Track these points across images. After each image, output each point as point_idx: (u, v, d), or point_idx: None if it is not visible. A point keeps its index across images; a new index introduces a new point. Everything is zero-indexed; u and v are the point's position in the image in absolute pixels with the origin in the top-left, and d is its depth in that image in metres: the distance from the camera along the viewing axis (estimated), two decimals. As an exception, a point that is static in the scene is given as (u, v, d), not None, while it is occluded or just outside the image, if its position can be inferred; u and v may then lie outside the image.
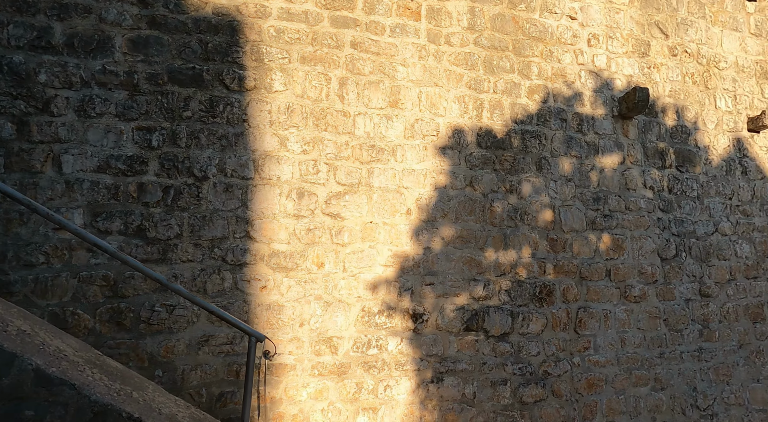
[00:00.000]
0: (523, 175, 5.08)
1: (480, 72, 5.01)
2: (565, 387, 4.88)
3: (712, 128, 6.01)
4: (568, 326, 5.03)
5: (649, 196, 5.59)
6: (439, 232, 4.70)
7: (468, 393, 4.55)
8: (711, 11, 6.12)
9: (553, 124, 5.25)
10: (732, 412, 5.57)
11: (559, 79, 5.32)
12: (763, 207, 6.20)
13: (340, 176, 4.43)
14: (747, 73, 6.27)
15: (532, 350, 4.84)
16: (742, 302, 5.88)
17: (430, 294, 4.60)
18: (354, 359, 4.26)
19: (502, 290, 4.84)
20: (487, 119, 5.01)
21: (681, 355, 5.46)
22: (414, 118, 4.75)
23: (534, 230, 5.05)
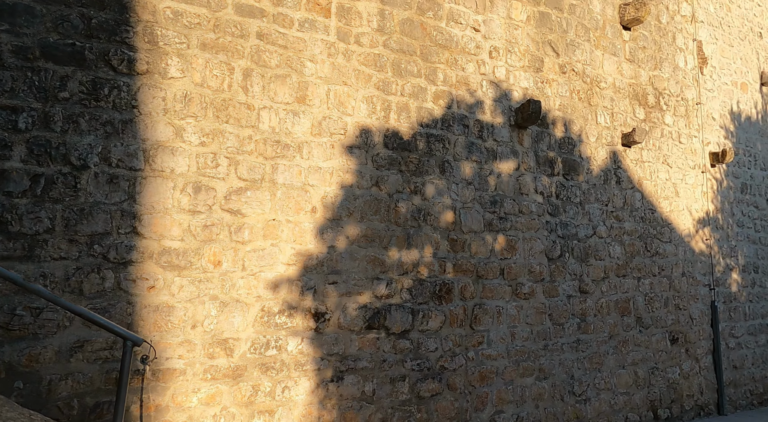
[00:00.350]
0: (427, 177, 4.86)
1: (389, 74, 4.71)
2: (459, 380, 4.73)
3: (594, 141, 6.18)
4: (464, 322, 4.89)
5: (539, 201, 5.61)
6: (344, 231, 4.35)
7: (367, 390, 4.24)
8: (594, 36, 6.29)
9: (456, 129, 5.09)
10: (602, 396, 5.75)
11: (463, 87, 5.16)
12: (633, 213, 6.48)
13: (242, 171, 3.93)
14: (622, 94, 6.53)
15: (430, 346, 4.64)
16: (613, 298, 6.10)
17: (333, 293, 4.23)
18: (251, 361, 3.79)
19: (404, 289, 4.59)
20: (395, 121, 4.72)
21: (562, 347, 5.53)
22: (322, 115, 4.35)
23: (436, 231, 4.85)
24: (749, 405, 7.15)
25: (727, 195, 7.61)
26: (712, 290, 7.06)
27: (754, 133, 8.21)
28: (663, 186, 6.80)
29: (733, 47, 7.98)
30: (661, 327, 6.44)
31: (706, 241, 7.15)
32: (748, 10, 8.34)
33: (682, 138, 7.10)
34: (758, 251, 7.90)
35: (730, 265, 7.43)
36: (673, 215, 6.85)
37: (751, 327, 7.51)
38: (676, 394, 6.37)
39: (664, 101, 6.93)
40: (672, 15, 7.16)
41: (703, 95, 7.40)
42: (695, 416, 6.50)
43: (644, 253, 6.45)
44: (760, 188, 8.14)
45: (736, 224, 7.67)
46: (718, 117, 7.64)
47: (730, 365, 7.03)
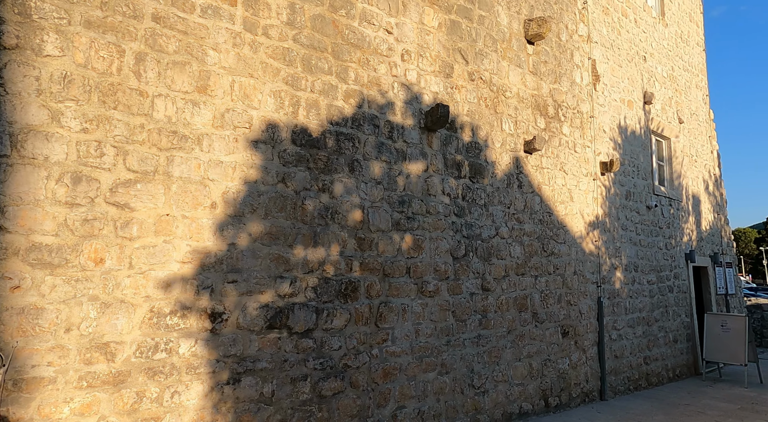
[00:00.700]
0: (336, 175, 4.73)
1: (298, 69, 4.53)
2: (362, 378, 4.66)
3: (498, 147, 6.39)
4: (369, 320, 4.82)
5: (446, 202, 5.69)
6: (246, 228, 4.11)
7: (266, 391, 4.04)
8: (501, 47, 6.50)
9: (366, 129, 5.01)
10: (499, 388, 5.95)
11: (374, 87, 5.10)
12: (532, 216, 6.79)
13: (132, 161, 3.57)
14: (526, 103, 6.81)
15: (334, 344, 4.52)
16: (512, 295, 6.35)
17: (233, 292, 3.98)
18: (136, 365, 3.46)
19: (309, 287, 4.43)
20: (303, 117, 4.55)
21: (463, 342, 5.65)
22: (225, 107, 4.08)
23: (344, 229, 4.74)
24: (627, 390, 7.77)
25: (614, 201, 8.21)
26: (599, 287, 7.58)
27: (638, 146, 8.94)
28: (560, 191, 7.19)
29: (621, 68, 8.63)
30: (554, 322, 6.80)
31: (595, 242, 7.67)
32: (635, 36, 9.07)
33: (577, 148, 7.55)
34: (638, 252, 8.62)
35: (614, 264, 8.03)
36: (568, 218, 7.27)
37: (631, 320, 8.17)
38: (565, 383, 6.75)
39: (562, 113, 7.33)
40: (571, 34, 7.59)
41: (595, 109, 7.92)
42: (581, 402, 6.94)
43: (541, 253, 6.78)
44: (641, 196, 8.89)
45: (621, 228, 8.31)
46: (608, 130, 8.22)
47: (612, 355, 7.59)
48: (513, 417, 6.00)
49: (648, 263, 8.78)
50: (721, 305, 10.63)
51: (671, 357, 8.93)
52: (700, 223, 10.64)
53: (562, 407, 6.64)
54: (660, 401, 7.25)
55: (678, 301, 9.44)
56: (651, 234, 8.97)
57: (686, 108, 10.51)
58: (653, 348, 8.52)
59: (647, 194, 9.01)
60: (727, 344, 8.68)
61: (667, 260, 9.30)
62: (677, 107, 10.16)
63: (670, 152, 9.92)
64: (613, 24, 8.48)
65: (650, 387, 8.21)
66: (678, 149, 10.09)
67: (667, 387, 8.27)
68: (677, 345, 9.16)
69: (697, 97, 10.99)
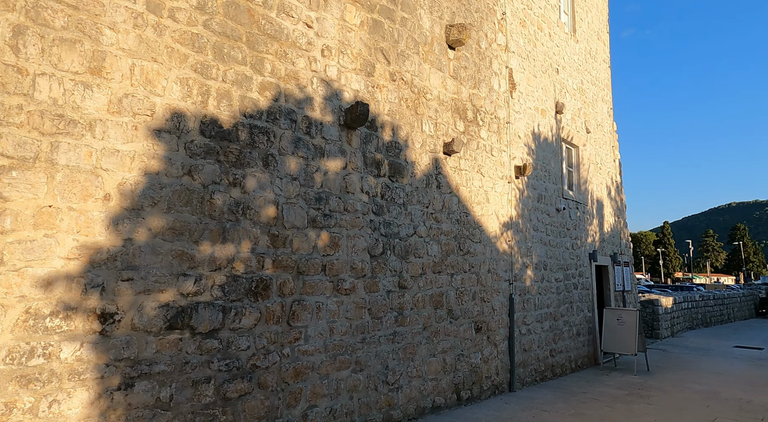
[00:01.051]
0: (249, 169, 4.51)
1: (209, 57, 4.26)
2: (272, 378, 4.47)
3: (419, 147, 6.43)
4: (281, 319, 4.65)
5: (365, 200, 5.63)
6: (146, 222, 3.79)
7: (164, 396, 3.75)
8: (423, 50, 6.55)
9: (283, 123, 4.82)
10: (413, 383, 5.99)
11: (292, 81, 4.92)
12: (450, 216, 6.91)
13: (6, 146, 3.15)
14: (446, 106, 6.92)
15: (242, 344, 4.30)
16: (429, 293, 6.42)
17: (128, 291, 3.65)
18: (5, 373, 3.05)
19: (216, 286, 4.18)
20: (214, 108, 4.28)
21: (379, 339, 5.62)
22: (123, 92, 3.73)
23: (256, 225, 4.52)
24: (534, 381, 8.15)
25: (527, 203, 8.58)
26: (511, 284, 7.88)
27: (550, 152, 9.42)
28: (477, 193, 7.38)
29: (536, 78, 9.05)
30: (469, 318, 6.96)
31: (509, 242, 7.96)
32: (549, 49, 9.54)
33: (493, 151, 7.80)
34: (548, 252, 9.07)
35: (526, 263, 8.39)
36: (484, 218, 7.48)
37: (539, 315, 8.58)
38: (477, 376, 6.94)
39: (480, 117, 7.54)
40: (490, 42, 7.83)
41: (512, 116, 8.23)
42: (491, 394, 7.17)
43: (458, 252, 6.92)
44: (552, 199, 9.37)
45: (533, 228, 8.70)
46: (523, 136, 8.58)
47: (521, 348, 7.92)
48: (426, 411, 6.06)
49: (556, 262, 9.27)
50: (618, 301, 11.48)
51: (574, 349, 9.49)
52: (603, 225, 11.42)
53: (474, 399, 6.82)
54: (562, 390, 7.67)
55: (582, 297, 10.06)
56: (559, 235, 9.48)
57: (593, 119, 11.24)
58: (559, 341, 9.00)
59: (557, 197, 9.51)
60: (622, 336, 9.37)
61: (573, 259, 9.88)
62: (585, 118, 10.83)
63: (578, 159, 10.55)
64: (529, 36, 8.86)
65: (555, 377, 8.67)
66: (585, 157, 10.75)
67: (569, 377, 8.77)
68: (580, 338, 9.76)
69: (602, 109, 11.79)
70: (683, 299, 16.87)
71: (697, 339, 14.61)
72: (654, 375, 8.93)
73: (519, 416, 6.22)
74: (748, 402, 7.13)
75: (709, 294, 19.85)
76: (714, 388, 7.96)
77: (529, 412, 6.39)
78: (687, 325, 16.89)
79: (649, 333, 14.12)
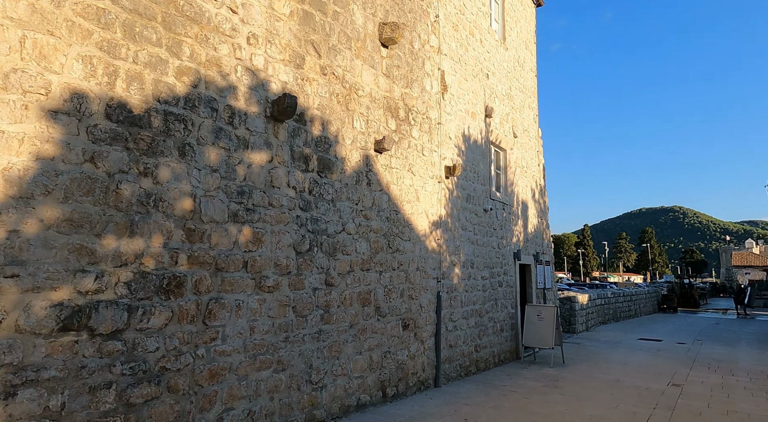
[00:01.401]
0: (163, 158, 4.18)
1: (117, 35, 3.89)
2: (184, 381, 4.17)
3: (349, 144, 6.32)
4: (196, 318, 4.35)
5: (291, 195, 5.43)
6: (36, 212, 3.38)
7: (54, 405, 3.36)
8: (356, 46, 6.45)
9: (202, 111, 4.52)
10: (338, 382, 5.87)
11: (214, 68, 4.63)
12: (380, 213, 6.86)
13: None
14: (378, 104, 6.86)
15: (150, 346, 3.97)
16: (357, 290, 6.32)
17: (12, 289, 3.23)
18: None
19: (121, 283, 3.82)
20: (123, 91, 3.92)
21: (303, 338, 5.44)
22: (11, 66, 3.30)
23: (169, 219, 4.20)
24: (459, 376, 8.30)
25: (456, 203, 8.73)
26: (439, 282, 7.97)
27: (479, 154, 9.65)
28: (407, 191, 7.38)
29: (467, 81, 9.24)
30: (396, 315, 6.95)
31: (438, 241, 8.05)
32: (480, 54, 9.78)
33: (425, 151, 7.85)
34: (475, 251, 9.29)
35: (454, 261, 8.53)
36: (414, 217, 7.50)
37: (466, 312, 8.76)
38: (403, 373, 6.94)
39: (412, 117, 7.55)
40: (423, 43, 7.87)
41: (443, 117, 8.33)
42: (417, 390, 7.20)
43: (387, 249, 6.88)
44: (480, 200, 9.61)
45: (461, 228, 8.86)
46: (454, 137, 8.72)
47: (447, 344, 8.04)
48: (351, 409, 5.96)
49: (483, 261, 9.52)
50: (540, 298, 12.01)
51: (498, 344, 9.80)
52: (527, 226, 11.90)
53: (399, 396, 6.81)
54: (484, 384, 7.87)
55: (506, 295, 10.41)
56: (486, 235, 9.75)
57: (520, 124, 11.68)
58: (483, 337, 9.25)
59: (485, 198, 9.76)
60: (541, 331, 9.80)
61: (498, 258, 10.20)
62: (513, 123, 11.23)
63: (505, 162, 10.91)
64: (461, 40, 9.02)
65: (479, 372, 8.89)
66: (512, 160, 11.15)
67: (492, 371, 9.03)
68: (503, 334, 10.10)
69: (529, 116, 12.29)
70: (597, 296, 18.01)
71: (608, 332, 15.65)
72: (568, 367, 9.42)
73: (441, 410, 6.28)
74: (646, 389, 7.68)
75: (619, 292, 21.37)
76: (618, 377, 8.51)
77: (452, 406, 6.47)
78: (600, 320, 18.07)
79: (567, 327, 14.93)
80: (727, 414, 6.45)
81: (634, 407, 6.62)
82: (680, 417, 6.23)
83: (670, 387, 7.85)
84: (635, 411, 6.44)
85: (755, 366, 10.19)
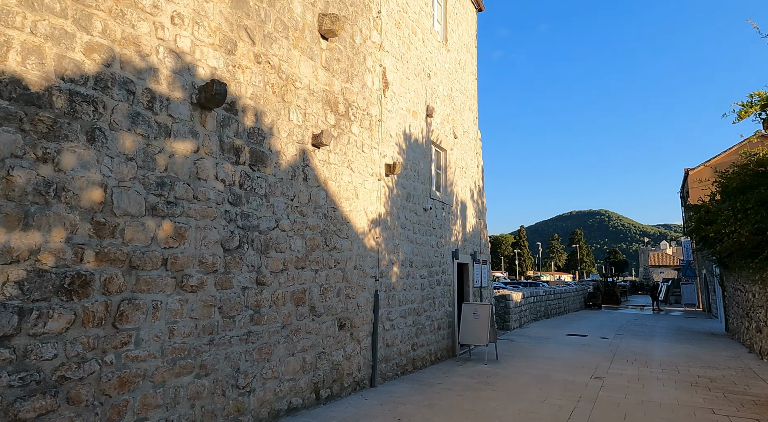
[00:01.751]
0: (67, 143, 3.71)
1: (11, 1, 3.41)
2: (88, 390, 3.73)
3: (285, 137, 6.02)
4: (105, 321, 3.91)
5: (220, 188, 5.06)
6: None
7: None
8: (293, 35, 6.16)
9: (117, 93, 4.08)
10: (268, 385, 5.56)
11: (131, 47, 4.20)
12: (316, 210, 6.61)
13: None
14: (316, 97, 6.61)
15: (46, 353, 3.50)
16: (290, 289, 6.04)
17: None
18: None
19: (10, 282, 3.34)
20: (17, 65, 3.43)
21: (230, 340, 5.09)
22: None
23: (74, 211, 3.74)
24: (395, 375, 8.21)
25: (396, 201, 8.64)
26: (377, 281, 7.83)
27: (420, 153, 9.62)
28: (346, 188, 7.18)
29: (409, 80, 9.17)
30: (332, 315, 6.73)
31: (377, 239, 7.91)
32: (422, 54, 9.77)
33: (365, 148, 7.68)
34: (414, 249, 9.25)
35: (392, 260, 8.42)
36: (352, 214, 7.31)
37: (403, 311, 8.69)
38: (338, 374, 6.74)
39: (352, 112, 7.36)
40: (364, 38, 7.70)
41: (384, 114, 8.21)
42: (352, 391, 7.02)
43: (324, 247, 6.64)
44: (420, 199, 9.58)
45: (401, 226, 8.78)
46: (395, 135, 8.62)
47: (384, 344, 7.92)
48: (281, 413, 5.67)
49: (422, 260, 9.50)
50: (476, 296, 12.22)
51: (435, 342, 9.83)
52: (466, 226, 12.06)
53: (334, 398, 6.60)
54: (420, 383, 7.82)
55: (444, 293, 10.47)
56: (426, 234, 9.74)
57: (460, 126, 11.81)
58: (421, 336, 9.22)
59: (425, 197, 9.76)
60: (476, 328, 9.93)
61: (437, 257, 10.23)
62: (453, 124, 11.33)
63: (445, 162, 10.98)
64: (404, 38, 8.94)
65: (416, 370, 8.86)
66: (452, 160, 11.24)
67: (429, 369, 9.03)
68: (440, 332, 10.14)
69: (469, 118, 12.46)
70: (530, 295, 18.69)
71: (539, 329, 16.25)
72: (501, 364, 9.61)
73: (376, 411, 6.14)
74: (572, 383, 7.96)
75: (550, 290, 22.33)
76: (547, 372, 8.78)
77: (387, 406, 6.35)
78: (532, 317, 18.76)
79: (501, 324, 15.34)
80: (642, 403, 6.78)
81: (560, 400, 6.81)
82: (600, 408, 6.48)
83: (592, 380, 8.18)
84: (561, 404, 6.62)
85: (666, 357, 10.91)
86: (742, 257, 9.99)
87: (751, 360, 10.84)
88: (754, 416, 6.28)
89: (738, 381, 8.44)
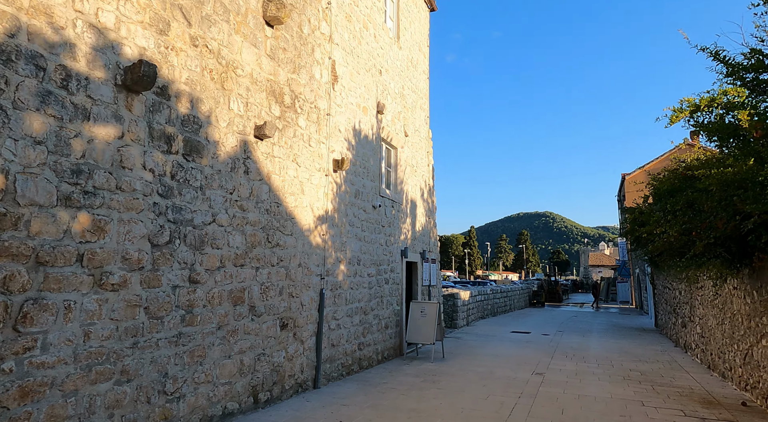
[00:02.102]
0: (-41, 122, 3.23)
1: None
2: (-21, 403, 3.27)
3: (224, 126, 5.65)
4: (3, 324, 3.45)
5: (148, 178, 4.65)
6: None
7: None
8: (235, 20, 5.80)
9: (23, 68, 3.62)
10: (200, 390, 5.18)
11: (42, 17, 3.74)
12: (258, 205, 6.27)
13: None
14: (260, 86, 6.27)
15: (-75, 362, 3.03)
16: (228, 288, 5.68)
17: None
18: None
19: None
20: None
21: (157, 342, 4.69)
22: None
23: (-34, 198, 3.27)
24: (340, 375, 7.98)
25: (344, 198, 8.41)
26: (323, 279, 7.57)
27: (369, 150, 9.44)
28: (291, 183, 6.88)
29: (360, 75, 8.97)
30: (274, 315, 6.41)
31: (323, 236, 7.65)
32: (373, 49, 9.59)
33: (312, 142, 7.40)
34: (362, 247, 9.05)
35: (339, 258, 8.19)
36: (297, 210, 7.02)
37: (350, 310, 8.47)
38: (278, 376, 6.42)
39: (299, 105, 7.06)
40: (313, 29, 7.42)
41: (333, 108, 7.96)
42: (294, 393, 6.73)
43: (266, 244, 6.31)
44: (369, 196, 9.40)
45: (348, 224, 8.56)
46: (344, 130, 8.38)
47: (329, 343, 7.67)
48: (214, 419, 5.31)
49: (370, 258, 9.32)
50: (425, 295, 12.19)
51: (382, 341, 9.68)
52: (415, 224, 12.00)
53: (274, 401, 6.28)
54: (365, 383, 7.64)
55: (392, 292, 10.35)
56: (374, 231, 9.57)
57: (411, 124, 11.74)
58: (368, 335, 9.04)
59: (374, 195, 9.58)
60: (424, 327, 9.88)
61: (386, 255, 10.09)
62: (404, 122, 11.23)
63: (396, 160, 10.86)
64: (354, 32, 8.73)
65: (362, 370, 8.66)
66: (403, 159, 11.14)
67: (375, 369, 8.86)
68: (388, 331, 10.01)
69: (420, 116, 12.42)
70: (478, 293, 18.98)
71: (485, 326, 16.52)
72: (447, 362, 9.59)
73: (317, 413, 5.89)
74: (514, 379, 8.05)
75: (497, 288, 22.82)
76: (491, 369, 8.84)
77: (329, 408, 6.12)
78: (480, 315, 19.06)
79: (449, 322, 15.44)
80: (579, 398, 6.92)
81: (502, 397, 6.83)
82: (540, 404, 6.54)
83: (533, 376, 8.31)
84: (503, 401, 6.64)
85: (602, 353, 11.32)
86: (670, 257, 10.54)
87: (677, 353, 11.45)
88: (679, 407, 6.55)
89: (665, 374, 8.84)
